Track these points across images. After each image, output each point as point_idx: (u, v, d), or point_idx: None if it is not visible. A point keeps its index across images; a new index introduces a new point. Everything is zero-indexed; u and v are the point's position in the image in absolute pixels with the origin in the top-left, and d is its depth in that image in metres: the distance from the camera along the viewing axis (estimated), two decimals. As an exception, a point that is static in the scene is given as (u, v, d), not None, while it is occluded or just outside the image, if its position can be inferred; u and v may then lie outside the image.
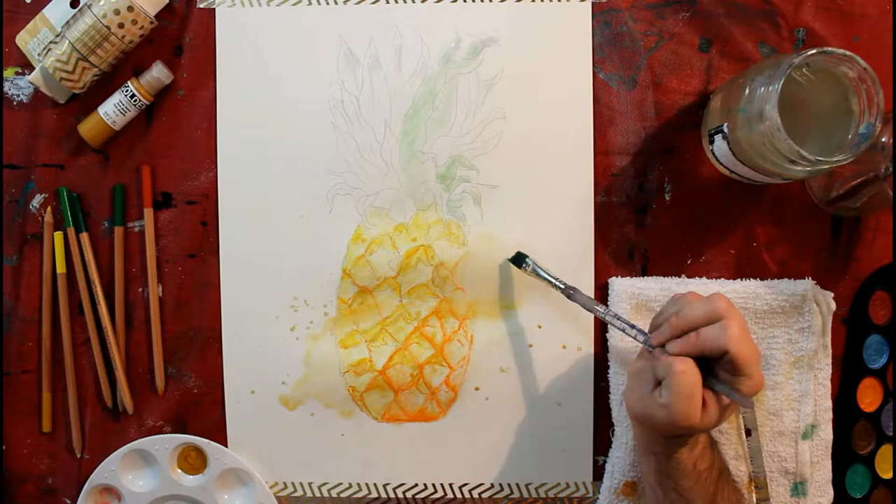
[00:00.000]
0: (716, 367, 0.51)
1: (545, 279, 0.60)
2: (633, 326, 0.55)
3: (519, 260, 0.61)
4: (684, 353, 0.51)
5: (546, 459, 0.64)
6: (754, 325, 0.61)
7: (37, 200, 0.64)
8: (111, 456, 0.64)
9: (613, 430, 0.62)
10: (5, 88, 0.63)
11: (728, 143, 0.56)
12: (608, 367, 0.62)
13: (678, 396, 0.49)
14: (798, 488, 0.61)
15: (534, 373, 0.64)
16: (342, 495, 0.65)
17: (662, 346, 0.52)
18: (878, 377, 0.63)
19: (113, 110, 0.62)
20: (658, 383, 0.51)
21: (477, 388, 0.64)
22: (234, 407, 0.65)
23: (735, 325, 0.50)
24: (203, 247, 0.64)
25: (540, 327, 0.64)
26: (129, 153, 0.64)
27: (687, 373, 0.50)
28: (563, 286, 0.59)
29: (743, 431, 0.61)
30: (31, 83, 0.62)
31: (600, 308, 0.57)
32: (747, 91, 0.52)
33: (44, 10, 0.62)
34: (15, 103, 0.64)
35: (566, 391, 0.64)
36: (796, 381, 0.61)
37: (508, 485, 0.65)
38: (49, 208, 0.64)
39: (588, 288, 0.62)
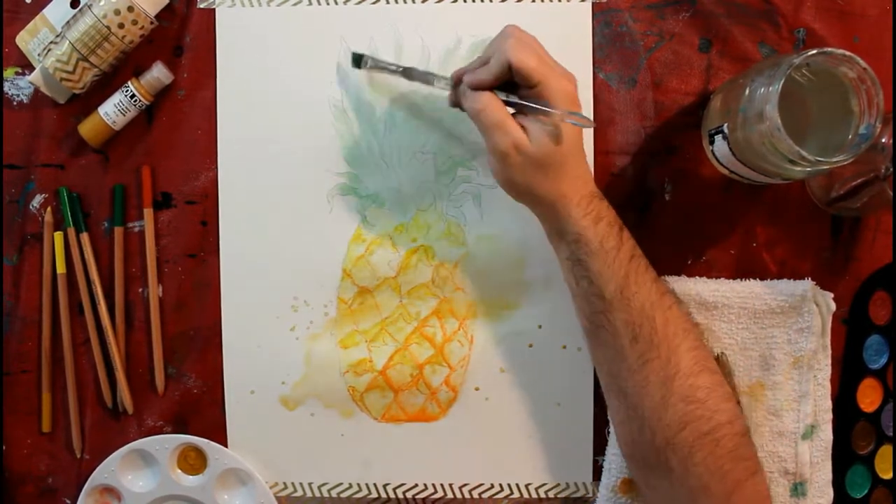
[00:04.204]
0: (520, 91, 0.52)
1: (385, 69, 0.60)
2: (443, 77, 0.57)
3: (358, 61, 0.61)
4: (478, 84, 0.52)
5: (546, 459, 0.64)
6: (754, 325, 0.61)
7: (37, 200, 0.64)
8: (111, 456, 0.64)
9: (609, 428, 0.62)
10: (5, 88, 0.63)
11: (728, 143, 0.56)
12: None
13: (488, 131, 0.51)
14: (798, 489, 0.61)
15: (534, 373, 0.64)
16: (342, 495, 0.65)
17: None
18: (878, 377, 0.63)
19: (113, 110, 0.62)
20: None
21: (477, 388, 0.64)
22: (234, 407, 0.65)
23: (511, 37, 0.51)
24: (203, 247, 0.64)
25: (540, 327, 0.63)
26: (129, 153, 0.64)
27: (487, 106, 0.51)
28: (400, 69, 0.59)
29: None
30: (31, 83, 0.62)
31: (438, 77, 0.57)
32: (747, 91, 0.52)
33: (44, 11, 0.62)
34: (15, 103, 0.64)
35: (566, 391, 0.64)
36: (796, 381, 0.61)
37: (508, 485, 0.65)
38: (49, 208, 0.64)
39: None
